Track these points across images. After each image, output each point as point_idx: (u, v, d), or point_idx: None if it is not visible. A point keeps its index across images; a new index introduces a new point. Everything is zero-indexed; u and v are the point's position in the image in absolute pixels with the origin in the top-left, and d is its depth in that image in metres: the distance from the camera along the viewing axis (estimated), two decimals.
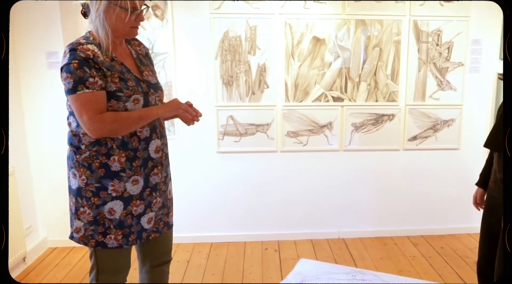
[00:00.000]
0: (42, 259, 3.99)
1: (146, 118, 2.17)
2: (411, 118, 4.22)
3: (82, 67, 2.02)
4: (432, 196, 4.43)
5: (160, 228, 2.43)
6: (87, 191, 2.17)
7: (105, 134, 2.08)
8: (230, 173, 4.26)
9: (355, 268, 3.75)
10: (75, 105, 2.05)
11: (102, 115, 2.04)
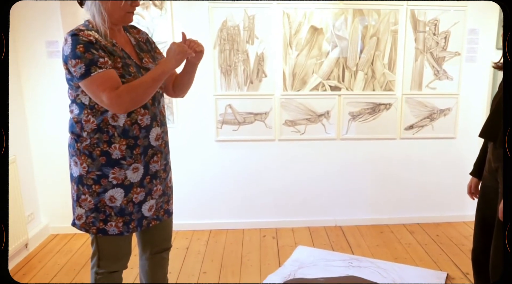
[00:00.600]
0: (44, 246, 4.01)
1: (160, 78, 2.12)
2: (408, 107, 4.22)
3: (89, 50, 2.02)
4: (428, 185, 4.44)
5: (161, 215, 2.45)
6: (88, 178, 2.18)
7: (128, 106, 2.07)
8: (228, 161, 4.27)
9: (352, 255, 3.80)
10: (92, 88, 2.04)
11: (118, 90, 2.03)
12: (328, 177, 4.36)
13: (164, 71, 2.12)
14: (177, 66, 2.15)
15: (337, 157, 4.32)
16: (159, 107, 2.31)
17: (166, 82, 2.43)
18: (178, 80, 2.42)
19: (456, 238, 4.13)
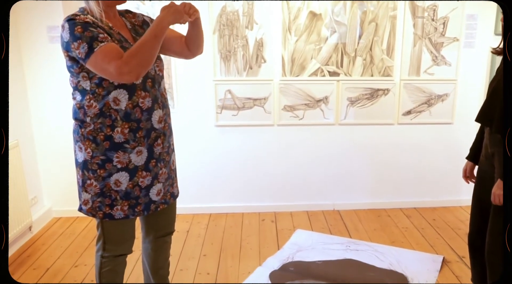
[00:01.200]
0: (47, 229, 4.05)
1: (161, 33, 2.07)
2: (406, 93, 4.19)
3: (87, 29, 2.02)
4: (425, 169, 4.43)
5: (168, 199, 2.47)
6: (93, 163, 2.20)
7: (138, 70, 2.02)
8: (228, 146, 4.29)
9: (350, 238, 3.81)
10: (98, 63, 2.02)
11: (123, 58, 2.00)
12: (326, 162, 4.36)
13: (163, 26, 2.07)
14: (175, 22, 2.11)
15: (335, 142, 4.32)
16: (159, 89, 2.31)
17: (178, 47, 2.41)
18: (188, 39, 2.38)
19: (453, 222, 4.13)
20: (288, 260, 3.41)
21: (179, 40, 2.40)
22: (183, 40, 2.40)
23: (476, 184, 2.67)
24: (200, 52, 2.45)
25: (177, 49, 2.41)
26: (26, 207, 3.73)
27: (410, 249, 3.61)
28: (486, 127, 2.52)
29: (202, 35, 2.38)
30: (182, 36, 2.41)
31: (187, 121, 4.14)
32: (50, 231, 3.98)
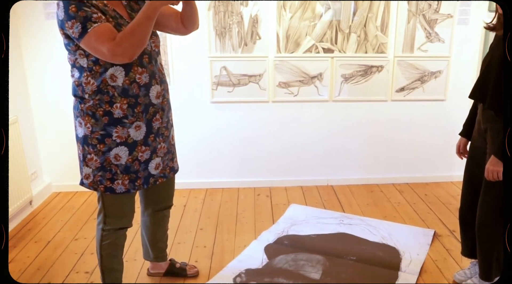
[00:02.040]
0: (47, 203, 4.09)
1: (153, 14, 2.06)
2: (399, 69, 4.18)
3: (81, 8, 2.02)
4: (418, 145, 4.46)
5: (167, 173, 2.52)
6: (92, 138, 2.24)
7: (131, 51, 2.03)
8: (223, 123, 4.30)
9: (343, 213, 3.84)
10: (91, 44, 2.03)
11: (116, 39, 2.01)
12: (320, 138, 4.37)
13: (155, 7, 2.07)
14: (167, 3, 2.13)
15: (330, 118, 4.32)
16: (156, 65, 2.33)
17: (174, 24, 2.40)
18: (183, 16, 2.37)
19: (444, 197, 4.16)
20: (283, 233, 3.44)
21: (174, 17, 2.39)
22: (179, 17, 2.40)
23: (468, 159, 2.69)
24: (196, 28, 2.44)
25: (173, 26, 2.41)
26: (26, 182, 3.76)
27: (402, 223, 3.64)
28: (479, 104, 2.54)
29: (196, 12, 2.37)
30: (178, 12, 2.41)
31: (182, 97, 4.13)
32: (50, 206, 4.01)
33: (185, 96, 4.13)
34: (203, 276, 2.88)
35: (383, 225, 3.57)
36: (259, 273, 2.87)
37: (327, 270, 2.90)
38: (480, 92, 2.43)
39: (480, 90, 2.43)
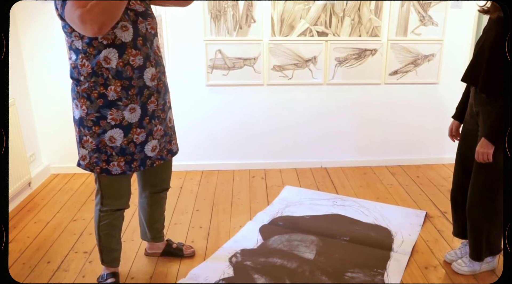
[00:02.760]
0: (46, 185, 4.10)
1: None
2: (393, 53, 4.17)
3: None
4: (410, 128, 4.47)
5: (164, 155, 2.52)
6: (88, 120, 2.24)
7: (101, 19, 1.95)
8: (219, 105, 4.30)
9: (336, 194, 3.86)
10: (68, 14, 2.00)
11: (87, 6, 1.95)
12: (314, 121, 4.38)
13: None
14: None
15: (323, 101, 4.32)
16: (152, 47, 2.31)
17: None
18: None
19: (436, 179, 4.18)
20: (278, 215, 3.46)
21: None
22: None
23: (460, 142, 2.71)
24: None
25: None
26: (25, 164, 3.78)
27: (394, 205, 3.66)
28: (471, 87, 2.54)
29: None
30: None
31: (178, 80, 4.12)
32: (49, 187, 4.02)
33: (181, 79, 4.11)
34: (199, 256, 2.91)
35: (376, 206, 3.59)
36: (254, 253, 2.90)
37: (320, 250, 2.93)
38: (472, 75, 2.44)
39: (472, 74, 2.44)
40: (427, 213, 3.47)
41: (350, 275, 2.67)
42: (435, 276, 2.69)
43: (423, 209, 3.56)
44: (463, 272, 2.68)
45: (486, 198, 2.48)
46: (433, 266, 2.79)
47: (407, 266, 2.79)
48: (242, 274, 2.67)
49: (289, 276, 2.64)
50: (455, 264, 2.74)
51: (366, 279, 2.63)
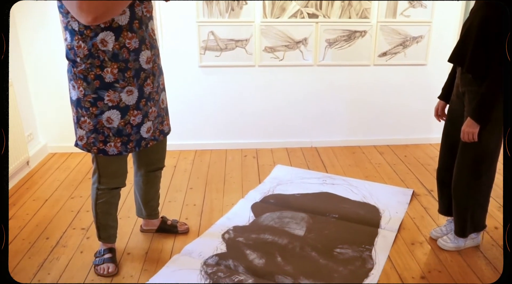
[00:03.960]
0: (44, 163, 4.10)
1: None
2: (382, 35, 4.16)
3: None
4: (399, 109, 4.48)
5: (157, 136, 2.52)
6: (85, 101, 2.22)
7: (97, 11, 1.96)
8: (211, 86, 4.28)
9: (326, 173, 3.87)
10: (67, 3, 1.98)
11: None
12: (305, 101, 4.37)
13: None
14: None
15: (314, 82, 4.31)
16: (147, 30, 2.28)
17: None
18: None
19: (423, 159, 4.20)
20: (269, 193, 3.47)
21: None
22: None
23: (446, 122, 2.71)
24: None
25: None
26: (23, 143, 3.77)
27: (382, 183, 3.69)
28: (458, 67, 2.54)
29: None
30: None
31: (171, 62, 4.10)
32: (47, 166, 4.02)
33: (174, 60, 4.09)
34: (193, 232, 2.93)
35: (364, 185, 3.61)
36: (246, 230, 2.92)
37: (310, 227, 2.95)
38: (459, 56, 2.44)
39: (459, 55, 2.44)
40: (414, 191, 3.49)
41: (339, 250, 2.70)
42: (421, 252, 2.72)
43: (410, 188, 3.58)
44: (448, 248, 2.72)
45: (471, 176, 2.50)
46: (419, 242, 2.82)
47: (394, 242, 2.81)
48: (235, 250, 2.69)
49: (280, 251, 2.67)
50: (440, 240, 2.77)
51: (354, 254, 2.66)
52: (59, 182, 3.67)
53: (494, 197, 3.33)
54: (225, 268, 2.51)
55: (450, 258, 2.65)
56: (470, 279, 2.45)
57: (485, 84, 2.26)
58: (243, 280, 2.40)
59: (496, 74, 2.22)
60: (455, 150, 2.58)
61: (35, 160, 4.02)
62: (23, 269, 2.55)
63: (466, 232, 2.66)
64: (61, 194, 3.46)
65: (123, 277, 2.47)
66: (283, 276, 2.44)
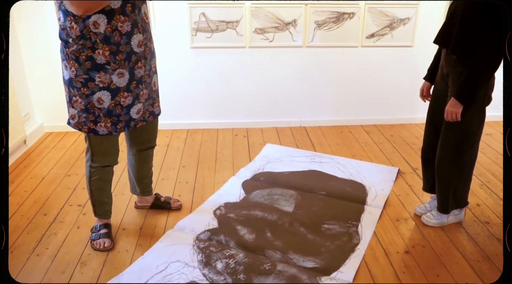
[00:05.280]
0: (40, 142, 4.08)
1: None
2: (370, 16, 4.14)
3: None
4: (385, 89, 4.48)
5: (147, 117, 2.51)
6: (77, 81, 2.21)
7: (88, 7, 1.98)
8: (203, 67, 4.24)
9: (314, 152, 3.88)
10: None
11: None
12: (294, 82, 4.36)
13: None
14: None
15: (303, 63, 4.30)
16: (140, 14, 2.25)
17: None
18: None
19: (408, 138, 4.23)
20: (259, 170, 3.48)
21: None
22: None
23: (431, 102, 2.71)
24: None
25: None
26: (20, 123, 3.74)
27: (368, 162, 3.70)
28: (442, 49, 2.54)
29: None
30: None
31: (163, 43, 4.05)
32: (43, 145, 4.00)
33: (166, 41, 4.04)
34: (186, 209, 2.94)
35: (351, 163, 3.62)
36: (237, 206, 2.94)
37: (299, 203, 2.97)
38: (444, 38, 2.44)
39: (444, 36, 2.43)
40: (399, 170, 3.51)
41: (326, 226, 2.72)
42: (406, 227, 2.75)
43: (395, 166, 3.60)
44: (432, 224, 2.75)
45: (454, 155, 2.52)
46: (404, 219, 2.85)
47: (380, 218, 2.84)
48: (226, 225, 2.71)
49: (269, 227, 2.69)
50: (424, 216, 2.80)
51: (341, 230, 2.69)
52: (55, 160, 3.67)
53: (476, 174, 3.38)
54: (216, 243, 2.53)
55: (434, 233, 2.69)
56: (453, 254, 2.49)
57: (469, 66, 2.26)
58: (234, 254, 2.43)
59: (480, 56, 2.22)
60: (439, 129, 2.59)
61: (32, 139, 3.99)
62: (22, 243, 2.56)
63: (448, 208, 2.70)
64: (57, 172, 3.46)
65: (119, 251, 2.49)
66: (273, 251, 2.47)
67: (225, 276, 2.26)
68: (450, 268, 2.38)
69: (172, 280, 2.23)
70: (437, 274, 2.33)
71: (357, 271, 2.33)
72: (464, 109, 2.34)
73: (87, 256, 2.45)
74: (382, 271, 2.35)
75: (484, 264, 2.41)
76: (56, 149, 3.88)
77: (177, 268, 2.33)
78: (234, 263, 2.36)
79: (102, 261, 2.41)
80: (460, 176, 2.59)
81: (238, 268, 2.32)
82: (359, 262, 2.40)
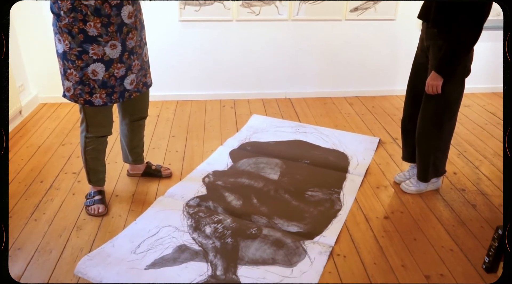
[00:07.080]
0: (36, 113, 4.04)
1: None
2: None
3: None
4: (368, 62, 4.46)
5: (140, 88, 2.50)
6: (71, 54, 2.18)
7: None
8: (191, 40, 4.18)
9: (299, 122, 3.89)
10: None
11: None
12: (280, 55, 4.32)
13: None
14: None
15: (288, 36, 4.25)
16: None
17: None
18: None
19: (389, 109, 4.24)
20: (246, 140, 3.48)
21: None
22: None
23: (411, 74, 2.69)
24: None
25: None
26: (15, 94, 3.70)
27: (351, 132, 3.71)
28: (423, 23, 2.50)
29: None
30: None
31: (152, 16, 3.96)
32: (38, 115, 3.96)
33: (155, 14, 3.95)
34: (176, 176, 2.95)
35: (334, 133, 3.63)
36: (224, 174, 2.95)
37: (284, 171, 2.99)
38: (426, 12, 2.42)
39: (426, 11, 2.42)
40: (380, 139, 3.54)
41: (310, 193, 2.75)
42: (385, 194, 2.79)
43: (376, 136, 3.62)
44: (410, 191, 2.79)
45: (434, 126, 2.55)
46: (384, 186, 2.88)
47: (361, 186, 2.88)
48: (214, 192, 2.73)
49: (255, 194, 2.72)
50: (403, 184, 2.83)
51: (324, 197, 2.72)
52: (50, 130, 3.64)
53: (454, 144, 3.42)
54: (205, 208, 2.56)
55: (412, 200, 2.73)
56: (430, 219, 2.54)
57: (449, 39, 2.26)
58: (222, 219, 2.46)
59: (460, 30, 2.20)
60: (419, 101, 2.60)
61: (27, 110, 3.95)
62: (20, 209, 2.57)
63: (428, 177, 2.74)
64: (52, 141, 3.45)
65: (112, 216, 2.51)
66: (259, 216, 2.50)
67: (213, 240, 2.30)
68: (427, 232, 2.43)
69: (163, 243, 2.26)
70: (415, 238, 2.38)
71: (338, 235, 2.38)
72: (444, 82, 2.35)
73: (82, 221, 2.47)
74: (362, 235, 2.40)
75: (459, 229, 2.47)
76: (50, 119, 3.85)
77: (168, 232, 2.35)
78: (222, 227, 2.40)
79: (97, 226, 2.43)
80: (440, 146, 2.63)
81: (226, 233, 2.36)
82: (341, 227, 2.44)
